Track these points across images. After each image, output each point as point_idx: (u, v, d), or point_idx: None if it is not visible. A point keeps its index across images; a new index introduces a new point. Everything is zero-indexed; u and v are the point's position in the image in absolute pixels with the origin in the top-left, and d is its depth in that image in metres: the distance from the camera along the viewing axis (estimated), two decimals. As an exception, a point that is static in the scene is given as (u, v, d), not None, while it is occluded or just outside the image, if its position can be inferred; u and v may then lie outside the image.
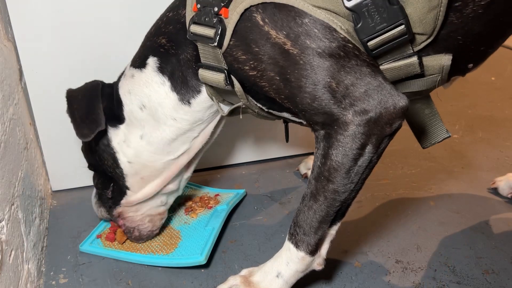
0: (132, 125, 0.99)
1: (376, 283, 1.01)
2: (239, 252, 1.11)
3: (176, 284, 1.01)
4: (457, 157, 1.51)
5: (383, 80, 0.77)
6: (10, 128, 0.98)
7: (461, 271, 1.04)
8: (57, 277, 1.04)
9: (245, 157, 1.47)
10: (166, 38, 0.92)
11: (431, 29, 0.76)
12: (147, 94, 0.96)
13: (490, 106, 1.87)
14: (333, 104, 0.77)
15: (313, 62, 0.76)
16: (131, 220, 1.08)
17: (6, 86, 1.00)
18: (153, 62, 0.95)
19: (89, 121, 0.95)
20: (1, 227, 0.83)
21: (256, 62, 0.80)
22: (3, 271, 0.80)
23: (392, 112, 0.76)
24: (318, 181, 0.82)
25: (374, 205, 1.27)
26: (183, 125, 0.98)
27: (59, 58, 1.19)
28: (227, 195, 1.27)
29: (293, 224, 0.88)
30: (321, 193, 0.82)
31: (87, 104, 0.97)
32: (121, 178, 1.03)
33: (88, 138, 0.96)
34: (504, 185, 1.30)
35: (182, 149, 1.02)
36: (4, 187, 0.88)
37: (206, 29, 0.82)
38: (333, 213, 0.84)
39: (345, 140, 0.77)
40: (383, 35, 0.75)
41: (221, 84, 0.86)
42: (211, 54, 0.85)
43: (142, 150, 1.00)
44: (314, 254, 0.88)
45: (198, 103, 0.96)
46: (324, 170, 0.81)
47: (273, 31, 0.77)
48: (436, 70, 0.81)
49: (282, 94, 0.81)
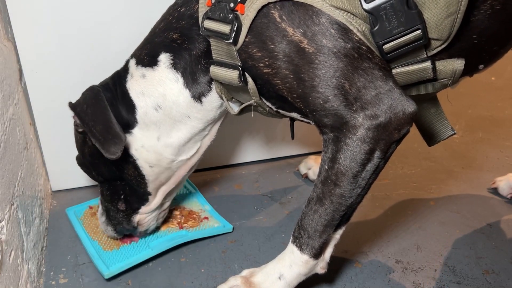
0: (147, 127, 0.96)
1: (376, 283, 1.01)
2: (239, 252, 1.11)
3: (176, 284, 1.01)
4: (457, 157, 1.51)
5: (394, 84, 0.77)
6: (10, 128, 0.98)
7: (461, 271, 1.04)
8: (57, 277, 1.04)
9: (245, 157, 1.47)
10: (179, 33, 0.89)
11: (447, 35, 0.76)
12: (162, 93, 0.93)
13: (490, 106, 1.87)
14: (344, 106, 0.77)
15: (328, 62, 0.76)
16: (146, 224, 1.08)
17: (6, 86, 1.00)
18: (165, 58, 0.91)
19: (112, 137, 0.90)
20: (1, 227, 0.83)
21: (271, 60, 0.79)
22: (3, 271, 0.80)
23: (401, 117, 0.76)
24: (325, 185, 0.82)
25: (374, 205, 1.27)
26: (197, 123, 0.96)
27: (59, 58, 1.19)
28: (212, 223, 1.17)
29: (298, 227, 0.88)
30: (327, 197, 0.82)
31: (100, 118, 0.91)
32: (143, 185, 1.01)
33: (118, 155, 0.89)
34: (504, 185, 1.30)
35: (195, 149, 1.01)
36: (4, 187, 0.87)
37: (221, 25, 0.80)
38: (339, 218, 0.84)
39: (353, 144, 0.77)
40: (399, 39, 0.75)
41: (235, 82, 0.84)
42: (224, 50, 0.83)
43: (161, 152, 0.97)
44: (318, 257, 0.88)
45: (209, 102, 0.94)
46: (331, 174, 0.80)
47: (290, 28, 0.76)
48: (448, 75, 0.81)
49: (294, 93, 0.81)
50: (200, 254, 1.10)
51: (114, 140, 0.90)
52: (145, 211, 1.05)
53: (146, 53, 0.94)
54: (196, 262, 1.07)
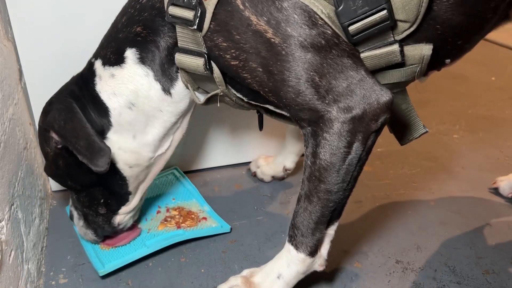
0: (122, 128, 0.94)
1: (376, 283, 1.01)
2: (239, 252, 1.11)
3: (176, 284, 1.01)
4: (457, 157, 1.51)
5: (366, 73, 0.76)
6: (10, 128, 0.98)
7: (461, 271, 1.04)
8: (57, 277, 1.03)
9: (245, 157, 1.47)
10: (142, 26, 0.87)
11: (414, 16, 0.75)
12: (134, 90, 0.91)
13: (490, 106, 1.87)
14: (317, 99, 0.76)
15: (295, 54, 0.74)
16: (125, 223, 1.08)
17: (6, 86, 1.00)
18: (132, 54, 0.89)
19: (97, 150, 0.88)
20: (1, 227, 0.83)
21: (238, 51, 0.78)
22: (3, 271, 0.80)
23: (377, 107, 0.75)
24: (310, 182, 0.82)
25: (374, 205, 1.27)
26: (169, 117, 0.95)
27: (59, 58, 1.18)
28: (210, 223, 1.17)
29: (291, 226, 0.88)
30: (314, 194, 0.82)
31: (81, 133, 0.89)
32: (125, 186, 1.00)
33: (106, 168, 0.88)
34: (505, 185, 1.30)
35: (168, 142, 1.01)
36: (4, 187, 0.87)
37: (185, 11, 0.78)
38: (329, 214, 0.84)
39: (331, 138, 0.76)
40: (364, 20, 0.73)
41: (200, 69, 0.83)
42: (190, 37, 0.82)
43: (139, 151, 0.97)
44: (314, 255, 0.88)
45: (177, 93, 0.93)
46: (314, 170, 0.80)
47: (253, 16, 0.75)
48: (417, 60, 0.80)
49: (266, 87, 0.80)
50: (200, 254, 1.10)
51: (100, 153, 0.88)
52: (125, 211, 1.05)
53: (112, 52, 0.91)
54: (196, 262, 1.07)
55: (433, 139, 1.60)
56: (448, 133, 1.66)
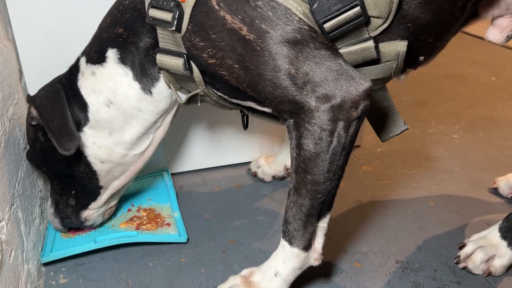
0: (99, 125, 0.96)
1: (376, 283, 1.01)
2: (239, 252, 1.11)
3: (176, 284, 1.01)
4: (457, 157, 1.51)
5: (343, 62, 0.77)
6: (10, 128, 0.98)
7: (461, 271, 1.04)
8: (57, 277, 1.04)
9: (245, 157, 1.47)
10: (123, 27, 0.90)
11: (387, 12, 0.77)
12: (113, 89, 0.93)
13: (490, 106, 1.87)
14: (295, 91, 0.76)
15: (270, 48, 0.75)
16: (93, 220, 1.10)
17: (6, 86, 1.00)
18: (113, 54, 0.92)
19: (67, 134, 0.91)
20: (1, 227, 0.83)
21: (215, 50, 0.80)
22: (3, 271, 0.80)
23: (356, 95, 0.76)
24: (297, 174, 0.82)
25: (374, 205, 1.27)
26: (149, 116, 0.97)
27: (59, 58, 1.18)
28: (169, 231, 1.14)
29: (284, 222, 0.88)
30: (302, 187, 0.82)
31: (58, 114, 0.93)
32: (94, 180, 1.02)
33: (72, 152, 0.91)
34: (505, 185, 1.31)
35: (148, 142, 1.02)
36: (4, 187, 0.88)
37: (164, 13, 0.81)
38: (318, 205, 0.84)
39: (313, 128, 0.77)
40: (339, 17, 0.75)
41: (180, 69, 0.85)
42: (170, 38, 0.84)
43: (113, 148, 0.98)
44: (308, 249, 0.89)
45: (158, 93, 0.94)
46: (300, 162, 0.80)
47: (228, 15, 0.76)
48: (392, 57, 0.81)
49: (243, 82, 0.81)
50: (200, 254, 1.10)
51: (69, 137, 0.91)
52: (94, 207, 1.07)
53: (95, 51, 0.94)
54: (196, 262, 1.07)
55: (433, 139, 1.60)
56: (448, 133, 1.66)
